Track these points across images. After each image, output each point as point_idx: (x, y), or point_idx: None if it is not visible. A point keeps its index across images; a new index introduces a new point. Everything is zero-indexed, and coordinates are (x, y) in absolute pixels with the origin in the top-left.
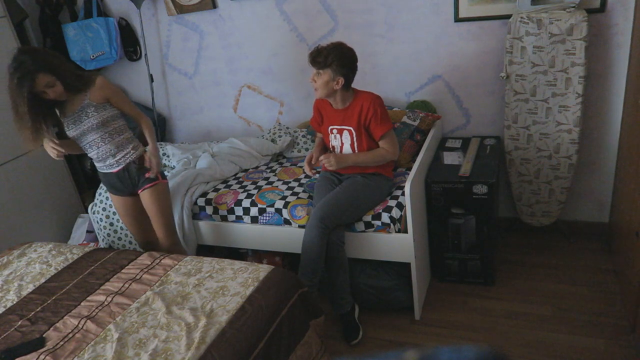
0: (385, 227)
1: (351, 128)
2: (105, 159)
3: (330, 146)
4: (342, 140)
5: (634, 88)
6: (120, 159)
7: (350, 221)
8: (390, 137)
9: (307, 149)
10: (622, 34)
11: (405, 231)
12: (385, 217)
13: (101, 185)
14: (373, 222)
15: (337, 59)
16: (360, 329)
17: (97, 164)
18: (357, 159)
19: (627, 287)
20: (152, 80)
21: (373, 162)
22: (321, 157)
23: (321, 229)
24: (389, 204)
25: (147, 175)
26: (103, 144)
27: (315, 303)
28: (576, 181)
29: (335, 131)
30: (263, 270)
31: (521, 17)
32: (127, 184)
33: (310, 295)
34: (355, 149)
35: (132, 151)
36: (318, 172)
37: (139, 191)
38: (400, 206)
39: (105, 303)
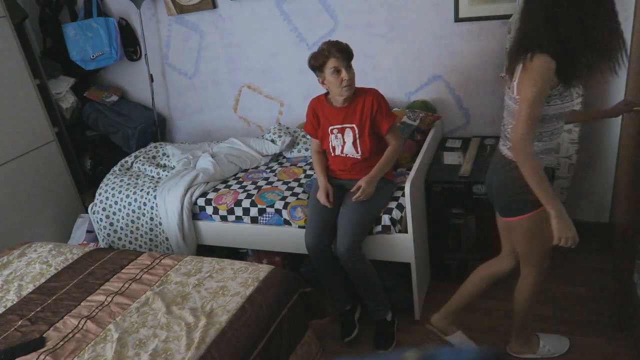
0: (385, 230)
1: (354, 125)
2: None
3: (331, 147)
4: (344, 139)
5: (634, 88)
6: None
7: (367, 233)
8: (396, 130)
9: (307, 149)
10: None
11: (406, 231)
12: (385, 220)
13: (101, 185)
14: (374, 226)
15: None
16: (356, 328)
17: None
18: (381, 171)
19: (627, 288)
20: (152, 80)
21: (391, 163)
22: (355, 198)
23: (359, 259)
24: (389, 206)
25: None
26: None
27: (317, 304)
28: (576, 181)
29: (336, 131)
30: (263, 270)
31: None
32: None
33: (313, 295)
34: (358, 146)
35: None
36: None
37: None
38: (401, 207)
39: (105, 303)
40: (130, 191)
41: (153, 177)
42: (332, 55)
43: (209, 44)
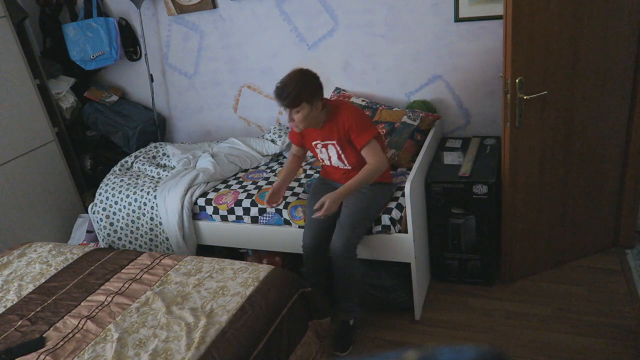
0: (385, 230)
1: (334, 142)
2: None
3: (319, 159)
4: (329, 154)
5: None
6: None
7: (364, 233)
8: (372, 146)
9: None
10: None
11: (406, 231)
12: (385, 220)
13: (101, 185)
14: (374, 226)
15: (309, 89)
16: (351, 344)
17: None
18: (352, 188)
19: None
20: (152, 80)
21: (367, 182)
22: (316, 212)
23: (351, 257)
24: (388, 206)
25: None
26: None
27: (318, 304)
28: None
29: (320, 145)
30: (263, 270)
31: None
32: None
33: (313, 295)
34: (344, 160)
35: None
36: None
37: None
38: (400, 207)
39: (105, 303)
40: (130, 191)
41: (153, 177)
42: (275, 99)
43: (209, 44)
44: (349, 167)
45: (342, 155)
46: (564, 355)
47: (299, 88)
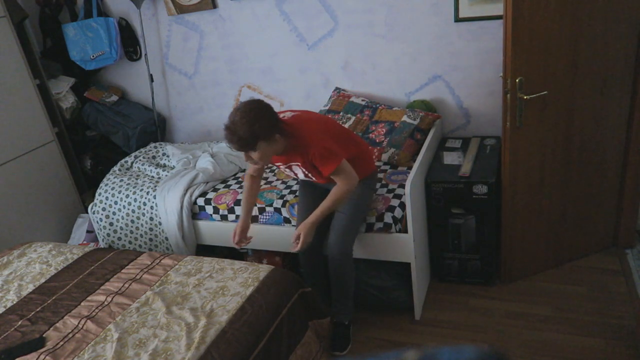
0: (386, 228)
1: (298, 163)
2: None
3: (286, 175)
4: (295, 172)
5: None
6: None
7: (359, 229)
8: (340, 170)
9: None
10: None
11: (406, 231)
12: (388, 217)
13: (101, 185)
14: (376, 223)
15: (263, 126)
16: (350, 343)
17: None
18: (323, 213)
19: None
20: (152, 80)
21: (339, 205)
22: (293, 247)
23: (347, 258)
24: (391, 204)
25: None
26: None
27: (317, 304)
28: None
29: (283, 167)
30: (263, 270)
31: None
32: None
33: (313, 295)
34: (311, 177)
35: None
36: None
37: None
38: (403, 206)
39: (105, 303)
40: (130, 191)
41: (153, 177)
42: (227, 143)
43: (209, 44)
44: (322, 180)
45: (309, 174)
46: (564, 355)
47: (251, 128)
